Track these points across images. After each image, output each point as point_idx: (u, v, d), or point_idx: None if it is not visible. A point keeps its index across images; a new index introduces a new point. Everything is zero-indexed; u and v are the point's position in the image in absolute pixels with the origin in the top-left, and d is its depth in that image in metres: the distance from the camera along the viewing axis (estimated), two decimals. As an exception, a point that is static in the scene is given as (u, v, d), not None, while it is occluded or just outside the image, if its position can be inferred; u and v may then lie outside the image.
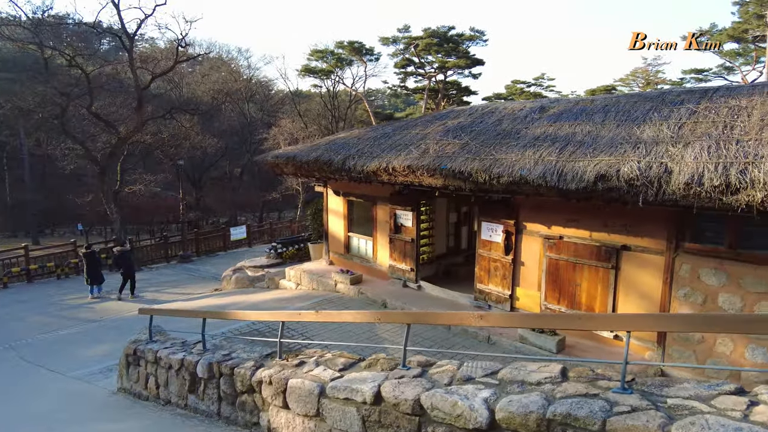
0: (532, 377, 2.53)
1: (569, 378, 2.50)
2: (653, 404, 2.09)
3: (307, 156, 10.37)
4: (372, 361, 3.28)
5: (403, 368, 3.01)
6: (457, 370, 2.83)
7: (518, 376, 2.57)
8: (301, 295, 10.91)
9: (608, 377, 2.44)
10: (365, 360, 3.36)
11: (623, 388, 2.24)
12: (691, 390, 2.20)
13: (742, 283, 6.22)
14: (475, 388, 2.53)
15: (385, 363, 3.18)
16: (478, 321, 2.63)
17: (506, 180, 7.04)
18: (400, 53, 36.35)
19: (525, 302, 8.59)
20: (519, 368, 2.64)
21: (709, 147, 5.71)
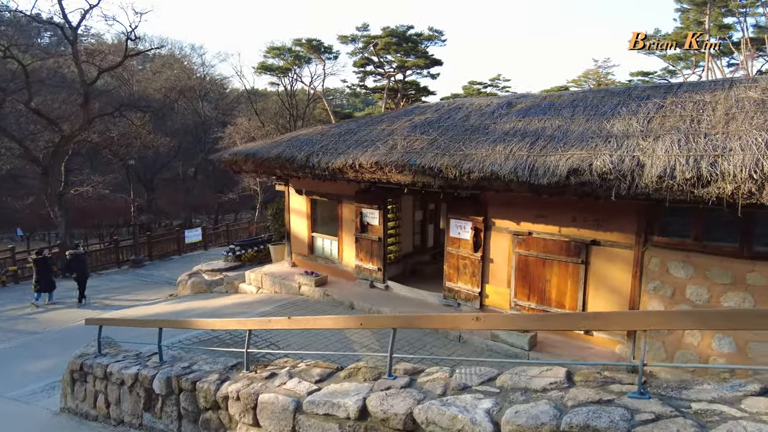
0: (535, 383, 2.30)
1: (576, 382, 2.29)
2: (677, 410, 1.90)
3: (267, 153, 9.91)
4: (352, 371, 2.98)
5: (389, 378, 2.73)
6: (449, 378, 2.58)
7: (520, 382, 2.34)
8: (264, 299, 10.43)
9: (618, 380, 2.24)
10: (344, 369, 3.06)
11: (640, 393, 2.05)
12: (712, 392, 2.04)
13: (709, 275, 6.30)
14: (475, 398, 2.28)
15: (367, 372, 2.88)
16: (476, 323, 2.38)
17: (477, 176, 6.89)
18: (359, 52, 36.05)
19: (494, 299, 8.49)
20: (519, 374, 2.41)
21: (679, 140, 5.73)
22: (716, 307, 6.27)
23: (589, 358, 7.00)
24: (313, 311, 9.36)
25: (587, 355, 7.13)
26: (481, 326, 2.37)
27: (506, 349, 7.39)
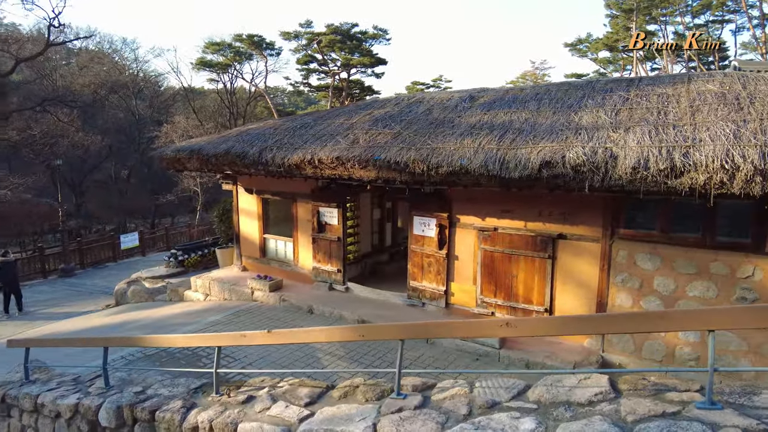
0: (577, 395, 1.99)
1: (622, 391, 2.00)
2: (762, 421, 1.64)
3: (215, 148, 9.19)
4: (347, 390, 2.56)
5: (398, 396, 2.33)
6: (471, 393, 2.22)
7: (559, 395, 2.02)
8: (213, 307, 9.68)
9: (672, 386, 1.97)
10: (336, 388, 2.63)
11: (711, 402, 1.78)
12: (786, 397, 1.80)
13: (675, 266, 6.37)
14: (511, 418, 1.93)
15: (367, 390, 2.47)
16: (504, 330, 2.04)
17: (445, 170, 6.61)
18: (302, 49, 35.23)
19: (460, 297, 8.28)
20: (554, 384, 2.10)
21: (649, 132, 5.72)
22: (682, 297, 6.36)
23: (560, 354, 6.93)
24: (269, 318, 8.76)
25: (557, 350, 7.05)
26: (511, 333, 2.04)
27: (476, 348, 7.17)
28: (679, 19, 43.04)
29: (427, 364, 6.89)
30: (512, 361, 6.90)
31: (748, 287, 5.96)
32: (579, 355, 6.91)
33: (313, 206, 9.76)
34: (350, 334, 2.44)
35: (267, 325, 8.41)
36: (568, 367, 6.51)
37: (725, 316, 2.12)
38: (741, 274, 6.00)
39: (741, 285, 6.00)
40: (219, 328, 8.27)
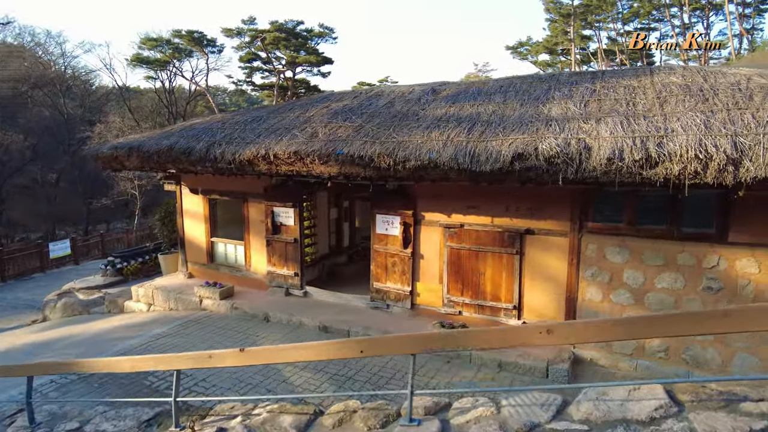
0: (634, 411, 1.66)
1: (684, 403, 1.68)
2: None
3: (157, 145, 8.38)
4: (342, 415, 2.11)
5: (410, 423, 1.92)
6: (498, 414, 1.84)
7: (611, 411, 1.69)
8: (158, 318, 8.84)
9: (743, 395, 1.68)
10: (327, 413, 2.18)
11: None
12: None
13: (643, 258, 6.34)
14: (560, 444, 1.57)
15: (369, 416, 2.04)
16: (544, 338, 1.68)
17: (413, 164, 6.26)
18: (245, 46, 34.01)
19: (426, 297, 7.96)
20: (600, 398, 1.76)
21: (621, 123, 5.62)
22: (651, 290, 6.35)
23: (531, 352, 6.73)
24: (221, 329, 8.08)
25: (528, 348, 6.87)
26: (551, 341, 1.69)
27: (447, 351, 6.86)
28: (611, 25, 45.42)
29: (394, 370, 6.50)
30: (485, 362, 6.65)
31: (713, 277, 6.01)
32: (551, 352, 6.74)
33: (266, 206, 9.14)
34: (347, 349, 1.99)
35: (219, 336, 7.73)
36: (542, 365, 6.34)
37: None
38: (707, 264, 6.04)
39: (707, 275, 6.04)
40: (166, 341, 7.51)
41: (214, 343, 7.44)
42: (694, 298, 6.13)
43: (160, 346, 7.25)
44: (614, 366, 6.57)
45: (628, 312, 6.48)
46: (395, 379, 6.26)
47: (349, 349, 1.99)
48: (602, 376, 6.45)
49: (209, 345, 7.35)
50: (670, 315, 1.60)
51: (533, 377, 6.38)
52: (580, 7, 40.87)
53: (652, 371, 6.35)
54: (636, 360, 6.47)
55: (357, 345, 2.01)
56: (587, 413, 1.74)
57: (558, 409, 1.82)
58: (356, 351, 2.00)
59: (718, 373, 6.05)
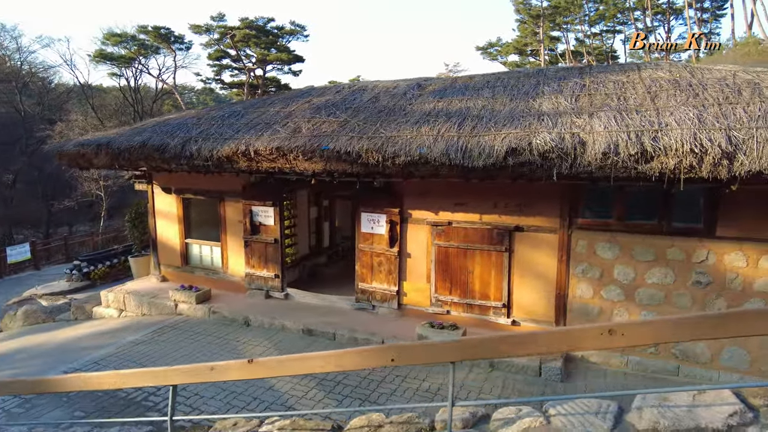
0: (707, 418, 1.50)
1: (758, 408, 1.53)
2: None
3: (128, 141, 7.92)
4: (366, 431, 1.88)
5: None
6: (548, 425, 1.65)
7: (680, 419, 1.52)
8: (130, 324, 8.36)
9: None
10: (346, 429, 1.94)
11: None
12: None
13: (634, 254, 6.32)
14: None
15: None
16: (606, 340, 1.50)
17: (403, 160, 6.06)
18: (214, 43, 33.21)
19: (414, 297, 7.78)
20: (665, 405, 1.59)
21: (614, 117, 5.56)
22: (642, 285, 6.33)
23: (523, 350, 6.64)
24: (199, 334, 7.69)
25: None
26: (616, 343, 1.50)
27: (437, 352, 6.69)
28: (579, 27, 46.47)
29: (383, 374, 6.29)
30: (476, 361, 6.50)
31: (702, 271, 6.03)
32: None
33: (244, 205, 8.78)
34: (376, 358, 1.75)
35: (197, 342, 7.35)
36: (535, 364, 6.24)
37: None
38: (696, 259, 6.05)
39: (696, 269, 6.06)
40: (141, 348, 7.08)
41: (192, 350, 7.06)
42: (683, 292, 6.14)
43: (135, 355, 6.82)
44: (606, 363, 6.53)
45: (619, 308, 6.46)
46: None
47: (377, 358, 1.76)
48: (594, 373, 6.40)
49: (188, 352, 6.97)
50: (740, 312, 1.43)
51: (526, 376, 6.28)
52: (548, 8, 41.60)
53: (643, 366, 6.34)
54: (627, 356, 6.45)
55: (387, 353, 1.78)
56: (653, 422, 1.57)
57: (616, 417, 1.65)
58: (386, 359, 1.78)
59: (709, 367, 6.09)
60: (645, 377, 6.30)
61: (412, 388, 5.90)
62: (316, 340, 7.38)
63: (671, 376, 6.24)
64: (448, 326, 6.84)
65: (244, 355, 6.83)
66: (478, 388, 5.95)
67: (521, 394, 5.84)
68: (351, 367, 1.81)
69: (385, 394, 5.76)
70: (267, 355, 6.85)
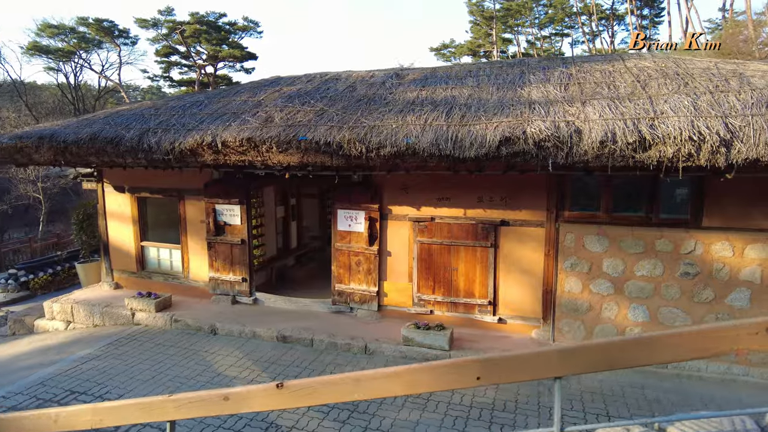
0: None
1: None
2: None
3: (76, 133, 7.10)
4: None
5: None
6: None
7: None
8: (81, 338, 7.52)
9: None
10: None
11: None
12: None
13: (623, 246, 6.20)
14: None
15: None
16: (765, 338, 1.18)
17: (389, 151, 5.67)
18: (162, 39, 31.56)
19: (395, 297, 7.40)
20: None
21: (608, 105, 5.40)
22: (631, 278, 6.23)
23: (511, 348, 6.40)
24: (162, 345, 7.00)
25: (509, 345, 6.53)
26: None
27: (424, 353, 6.35)
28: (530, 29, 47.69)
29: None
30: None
31: (690, 262, 5.98)
32: (534, 348, 6.43)
33: (207, 204, 8.11)
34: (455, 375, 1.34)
35: (161, 354, 6.66)
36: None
37: None
38: (684, 250, 6.00)
39: (684, 260, 6.01)
40: (97, 364, 6.32)
41: (154, 363, 6.37)
42: (672, 284, 6.08)
43: (90, 373, 6.07)
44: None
45: (609, 302, 6.33)
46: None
47: (458, 375, 1.35)
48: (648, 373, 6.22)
49: (151, 365, 6.28)
50: None
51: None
52: (501, 10, 42.41)
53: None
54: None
55: (470, 368, 1.38)
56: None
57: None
58: (470, 377, 1.37)
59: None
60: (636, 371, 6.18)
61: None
62: (292, 348, 6.86)
63: (660, 368, 6.15)
64: (435, 327, 6.51)
65: (215, 367, 6.24)
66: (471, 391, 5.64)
67: (516, 395, 5.57)
68: (425, 389, 1.40)
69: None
70: (240, 366, 6.28)
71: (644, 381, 5.88)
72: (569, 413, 5.18)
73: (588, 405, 5.35)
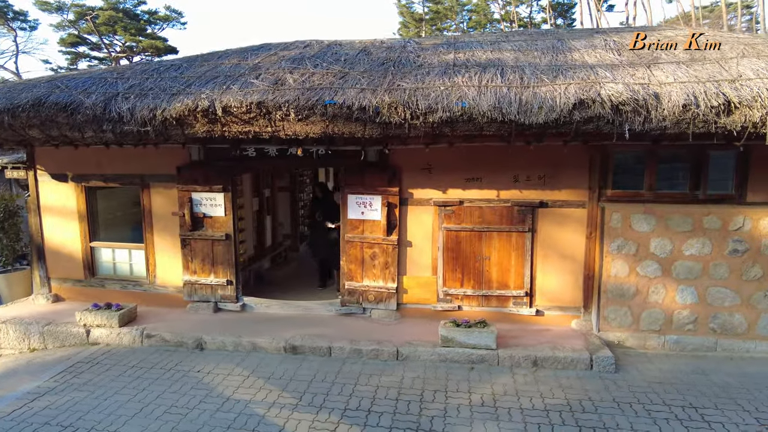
0: None
1: None
2: None
3: (9, 99, 5.44)
4: None
5: None
6: None
7: None
8: (18, 367, 5.78)
9: None
10: None
11: None
12: None
13: (670, 224, 5.81)
14: None
15: None
16: None
17: (440, 116, 4.80)
18: (68, 26, 27.90)
19: (416, 293, 6.51)
20: None
21: (677, 69, 4.93)
22: (679, 258, 5.85)
23: (559, 342, 5.79)
24: (136, 368, 5.53)
25: (552, 338, 5.90)
26: None
27: (468, 354, 5.52)
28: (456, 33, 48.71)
29: (415, 389, 4.95)
30: (516, 361, 5.47)
31: (739, 239, 5.71)
32: (579, 340, 5.87)
33: (181, 192, 6.69)
34: None
35: (141, 380, 5.22)
36: (585, 356, 5.39)
37: None
38: (732, 227, 5.72)
39: (732, 237, 5.73)
40: (53, 400, 4.74)
41: (135, 391, 4.94)
42: (721, 262, 5.78)
43: (48, 413, 4.51)
44: (642, 346, 5.95)
45: (656, 285, 5.91)
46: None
47: None
48: (637, 359, 5.77)
49: (132, 395, 4.85)
50: None
51: (576, 371, 5.40)
52: (429, 13, 42.87)
53: (681, 345, 5.87)
54: (664, 336, 5.93)
55: None
56: None
57: None
58: None
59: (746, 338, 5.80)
60: (687, 356, 5.82)
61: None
62: (305, 359, 5.72)
63: (710, 352, 5.85)
64: (476, 324, 5.70)
65: (219, 390, 4.95)
66: (538, 392, 4.91)
67: (586, 393, 4.93)
68: None
69: (444, 418, 4.42)
70: (250, 386, 5.05)
71: (703, 366, 5.52)
72: (655, 408, 4.62)
73: (665, 397, 4.83)
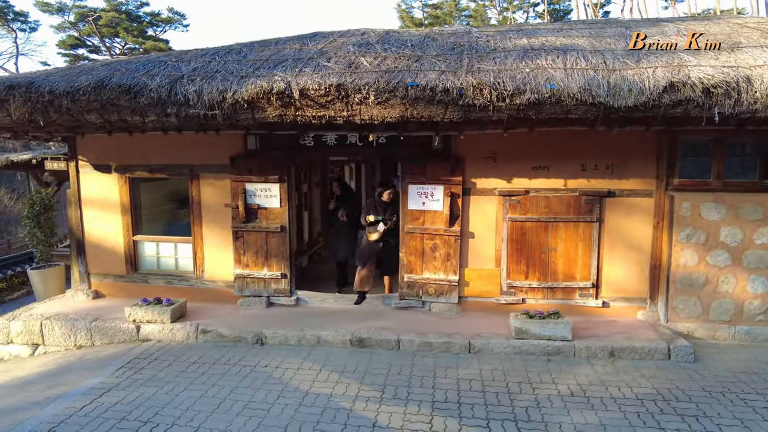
0: None
1: None
2: None
3: (68, 82, 5.20)
4: None
5: None
6: None
7: None
8: (70, 364, 5.49)
9: None
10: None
11: None
12: None
13: (741, 213, 5.74)
14: None
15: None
16: None
17: (528, 98, 4.68)
18: (69, 27, 27.44)
19: (478, 286, 6.36)
20: None
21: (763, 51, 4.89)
22: (750, 247, 5.78)
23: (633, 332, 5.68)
24: (197, 363, 5.28)
25: (624, 329, 5.79)
26: None
27: (543, 346, 5.38)
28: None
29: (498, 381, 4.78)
30: (593, 352, 5.34)
31: (810, 227, 5.67)
32: (649, 331, 5.76)
33: (235, 183, 6.48)
34: None
35: (206, 376, 4.97)
36: (663, 346, 5.28)
37: None
38: (802, 215, 5.69)
39: (803, 226, 5.69)
40: (122, 395, 4.48)
41: (206, 387, 4.69)
42: (791, 251, 5.73)
43: (121, 408, 4.24)
44: (711, 336, 5.86)
45: (726, 274, 5.83)
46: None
47: None
48: (707, 349, 5.67)
49: (204, 390, 4.61)
50: None
51: (655, 361, 5.28)
52: (428, 17, 43.05)
53: (753, 336, 5.79)
54: (734, 326, 5.84)
55: None
56: None
57: None
58: None
59: (818, 328, 5.74)
60: (760, 346, 5.74)
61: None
62: (373, 352, 5.53)
63: (781, 342, 5.77)
64: (550, 315, 5.57)
65: (295, 385, 4.73)
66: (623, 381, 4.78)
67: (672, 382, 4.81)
68: None
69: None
70: (326, 380, 4.83)
71: (781, 355, 5.45)
72: (749, 397, 4.51)
73: (756, 387, 4.72)
